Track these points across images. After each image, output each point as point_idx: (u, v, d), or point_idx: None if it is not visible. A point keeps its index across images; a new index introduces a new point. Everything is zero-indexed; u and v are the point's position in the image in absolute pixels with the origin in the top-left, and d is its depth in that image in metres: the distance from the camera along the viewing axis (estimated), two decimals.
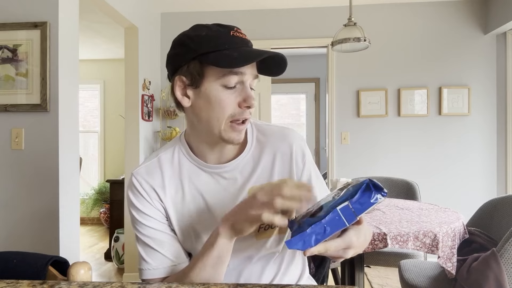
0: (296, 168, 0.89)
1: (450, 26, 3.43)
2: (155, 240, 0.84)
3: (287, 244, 0.66)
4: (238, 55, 0.74)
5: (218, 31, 0.78)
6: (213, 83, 0.77)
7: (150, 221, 0.84)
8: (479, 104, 3.42)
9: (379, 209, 2.02)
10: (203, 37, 0.77)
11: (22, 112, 1.96)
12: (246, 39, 0.80)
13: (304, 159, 0.90)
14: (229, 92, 0.77)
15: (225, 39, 0.76)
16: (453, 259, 1.57)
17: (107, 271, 3.44)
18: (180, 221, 0.85)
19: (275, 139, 0.89)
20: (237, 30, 0.79)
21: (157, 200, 0.85)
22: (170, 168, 0.87)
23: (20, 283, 0.72)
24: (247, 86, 0.78)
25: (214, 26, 0.79)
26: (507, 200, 1.88)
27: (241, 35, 0.79)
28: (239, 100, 0.78)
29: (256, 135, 0.90)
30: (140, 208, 0.84)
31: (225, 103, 0.77)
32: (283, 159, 0.88)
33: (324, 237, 0.65)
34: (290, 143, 0.89)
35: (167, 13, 3.63)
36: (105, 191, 4.98)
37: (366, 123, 3.51)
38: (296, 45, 3.64)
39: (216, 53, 0.75)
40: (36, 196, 1.96)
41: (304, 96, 5.98)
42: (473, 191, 3.41)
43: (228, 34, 0.77)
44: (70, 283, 0.73)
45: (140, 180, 0.85)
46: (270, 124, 0.94)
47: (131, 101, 3.10)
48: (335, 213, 0.65)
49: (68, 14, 2.05)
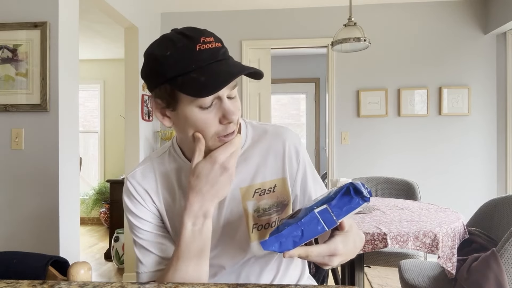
0: (290, 167, 0.86)
1: (450, 26, 3.43)
2: (152, 243, 0.84)
3: (262, 244, 0.63)
4: (205, 80, 0.69)
5: (184, 46, 0.71)
6: (188, 106, 0.72)
7: (145, 225, 0.85)
8: (479, 104, 3.42)
9: (379, 209, 2.02)
10: (168, 57, 0.71)
11: (22, 112, 1.96)
12: (216, 48, 0.72)
13: (298, 158, 0.87)
14: (207, 111, 0.73)
15: (191, 58, 0.70)
16: (453, 259, 1.57)
17: (107, 271, 3.44)
18: (173, 224, 0.86)
19: (268, 137, 0.88)
20: (204, 41, 0.71)
21: (151, 203, 0.85)
22: (163, 171, 0.87)
23: (20, 283, 0.72)
24: (224, 101, 0.73)
25: (180, 38, 0.72)
26: (507, 200, 1.88)
27: (209, 45, 0.71)
28: (219, 117, 0.74)
29: (252, 134, 0.89)
30: (136, 212, 0.85)
31: (204, 123, 0.73)
32: (276, 157, 0.86)
33: (303, 240, 0.63)
34: (283, 141, 0.87)
35: (167, 13, 3.63)
36: (105, 191, 4.98)
37: (366, 123, 3.51)
38: (296, 45, 3.64)
39: (183, 77, 0.70)
40: (36, 196, 1.96)
41: (304, 96, 5.98)
42: (473, 191, 3.41)
43: (194, 50, 0.70)
44: (70, 283, 0.73)
45: (134, 184, 0.86)
46: (265, 123, 0.92)
47: (131, 101, 3.10)
48: (313, 215, 0.63)
49: (68, 14, 2.05)
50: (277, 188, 0.85)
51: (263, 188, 0.85)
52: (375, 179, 2.85)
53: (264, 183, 0.85)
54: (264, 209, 0.84)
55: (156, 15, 3.56)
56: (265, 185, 0.85)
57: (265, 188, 0.85)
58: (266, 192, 0.85)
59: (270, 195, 0.85)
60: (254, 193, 0.84)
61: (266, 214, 0.84)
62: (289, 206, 0.86)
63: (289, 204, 0.86)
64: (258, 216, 0.84)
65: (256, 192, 0.84)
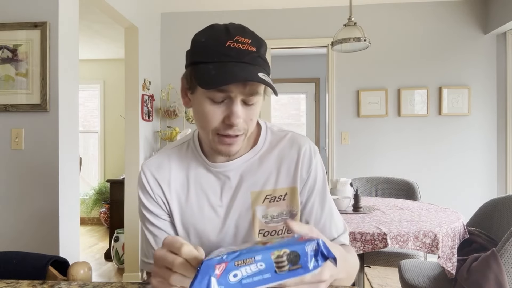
0: (301, 177, 0.84)
1: (450, 26, 3.43)
2: (156, 238, 0.86)
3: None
4: (214, 74, 0.69)
5: (216, 38, 0.72)
6: (202, 94, 0.74)
7: (154, 218, 0.86)
8: (479, 104, 3.42)
9: (379, 209, 2.02)
10: (200, 44, 0.74)
11: (22, 112, 1.96)
12: (247, 50, 0.72)
13: (309, 169, 0.85)
14: (216, 106, 0.73)
15: (216, 51, 0.71)
16: (453, 259, 1.57)
17: (107, 271, 3.44)
18: (182, 218, 0.86)
19: (286, 144, 0.86)
20: (238, 39, 0.71)
21: (161, 196, 0.86)
22: (179, 164, 0.87)
23: (20, 283, 0.72)
24: (235, 103, 0.72)
25: (220, 30, 0.73)
26: (507, 200, 1.88)
27: (240, 45, 0.71)
28: (225, 116, 0.74)
29: (270, 139, 0.88)
30: (146, 204, 0.86)
31: (209, 116, 0.74)
32: (289, 165, 0.85)
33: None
34: (299, 150, 0.85)
35: (167, 13, 3.63)
36: (105, 191, 4.98)
37: (366, 123, 3.51)
38: (296, 45, 3.64)
39: (201, 65, 0.72)
40: (36, 196, 1.96)
41: (304, 96, 5.98)
42: (473, 191, 3.41)
43: (223, 44, 0.71)
44: (70, 283, 0.73)
45: (147, 175, 0.86)
46: (286, 130, 0.90)
47: (131, 101, 3.10)
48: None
49: (68, 14, 2.05)
50: (288, 197, 0.84)
51: (274, 195, 0.84)
52: (375, 179, 2.85)
53: (275, 190, 0.84)
54: (273, 216, 0.84)
55: (156, 15, 3.56)
56: (276, 192, 0.84)
57: (276, 195, 0.84)
58: (277, 199, 0.84)
59: (280, 203, 0.84)
60: (265, 199, 0.84)
61: (273, 222, 0.84)
62: (297, 216, 0.85)
63: (297, 214, 0.85)
64: (265, 222, 0.84)
65: (267, 198, 0.84)
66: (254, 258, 0.48)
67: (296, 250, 0.49)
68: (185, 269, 0.51)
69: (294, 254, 0.49)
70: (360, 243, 1.52)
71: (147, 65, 3.27)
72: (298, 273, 0.49)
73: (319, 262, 0.50)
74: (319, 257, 0.50)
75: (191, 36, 0.78)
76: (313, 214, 0.85)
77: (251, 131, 0.79)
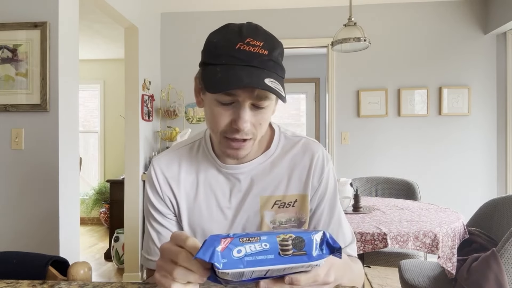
0: (312, 184, 0.84)
1: (450, 26, 3.43)
2: (160, 236, 0.85)
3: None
4: (220, 77, 0.68)
5: (228, 40, 0.70)
6: (212, 96, 0.72)
7: (159, 216, 0.86)
8: (479, 104, 3.42)
9: (379, 209, 2.02)
10: (211, 44, 0.72)
11: (22, 112, 1.96)
12: (257, 53, 0.69)
13: (321, 177, 0.84)
14: (224, 108, 0.72)
15: (225, 53, 0.69)
16: (453, 259, 1.57)
17: (107, 271, 3.44)
18: (189, 218, 0.85)
19: (299, 150, 0.85)
20: (249, 42, 0.69)
21: (169, 195, 0.85)
22: (189, 163, 0.86)
23: (20, 283, 0.72)
24: (243, 107, 0.71)
25: (233, 32, 0.72)
26: (507, 200, 1.88)
27: (251, 48, 0.69)
28: (231, 119, 0.72)
29: (283, 144, 0.87)
30: (154, 202, 0.85)
31: (217, 118, 0.73)
32: (301, 172, 0.84)
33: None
34: (312, 156, 0.84)
35: (167, 13, 3.63)
36: (105, 191, 4.98)
37: (366, 123, 3.51)
38: (296, 45, 3.64)
39: (210, 67, 0.71)
40: (36, 196, 1.96)
41: (304, 96, 5.98)
42: (473, 191, 3.41)
43: (233, 47, 0.69)
44: (70, 283, 0.73)
45: (157, 172, 0.86)
46: (300, 135, 0.89)
47: (131, 101, 3.10)
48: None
49: (68, 14, 2.05)
50: (297, 204, 0.83)
51: (284, 201, 0.83)
52: (375, 179, 2.85)
53: (285, 196, 0.83)
54: (281, 222, 0.83)
55: (156, 15, 3.56)
56: (286, 198, 0.83)
57: (286, 201, 0.83)
58: (286, 205, 0.83)
59: (289, 209, 0.83)
60: (274, 204, 0.83)
61: (281, 228, 0.83)
62: (306, 224, 0.84)
63: (306, 222, 0.84)
64: (273, 227, 0.83)
65: (276, 204, 0.83)
66: (259, 238, 0.49)
67: (301, 236, 0.50)
68: (188, 262, 0.51)
69: (299, 239, 0.50)
70: (360, 243, 1.52)
71: (147, 65, 3.27)
72: (302, 260, 0.50)
73: (323, 251, 0.51)
74: (324, 246, 0.51)
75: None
76: (321, 222, 0.85)
77: (261, 136, 0.77)
